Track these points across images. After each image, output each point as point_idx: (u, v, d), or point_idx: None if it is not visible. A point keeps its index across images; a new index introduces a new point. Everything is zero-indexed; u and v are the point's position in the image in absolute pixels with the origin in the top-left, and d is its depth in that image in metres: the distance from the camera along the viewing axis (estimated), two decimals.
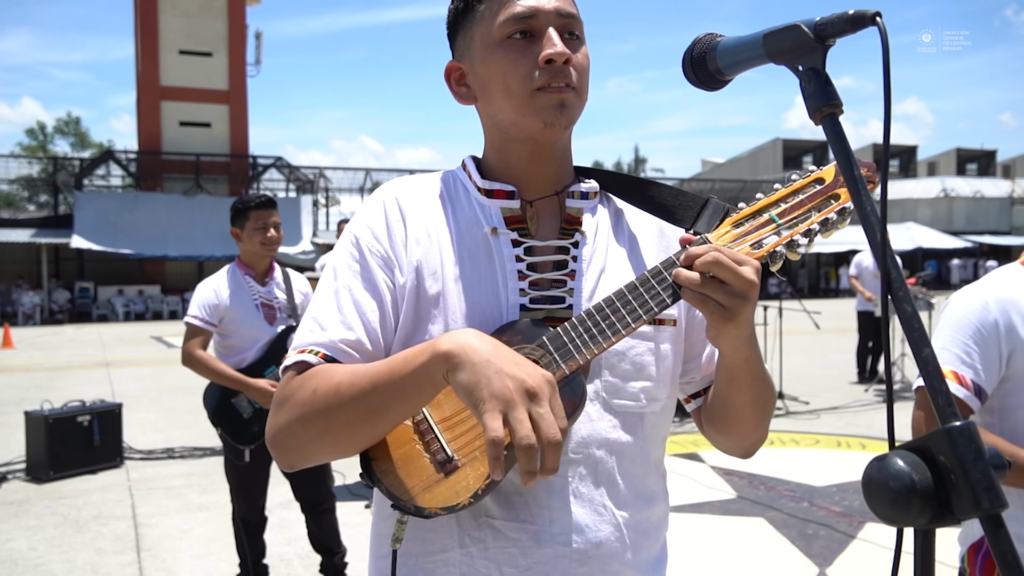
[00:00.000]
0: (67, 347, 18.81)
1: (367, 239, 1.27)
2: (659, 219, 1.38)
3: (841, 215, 1.16)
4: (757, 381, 1.26)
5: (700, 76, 1.04)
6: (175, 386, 11.75)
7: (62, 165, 35.28)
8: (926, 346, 0.75)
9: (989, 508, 0.69)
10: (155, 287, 31.11)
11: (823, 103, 0.86)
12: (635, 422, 1.27)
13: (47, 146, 55.81)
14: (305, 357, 1.20)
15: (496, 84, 1.25)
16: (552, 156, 1.31)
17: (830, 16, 0.85)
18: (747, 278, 1.09)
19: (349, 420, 1.13)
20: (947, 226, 42.32)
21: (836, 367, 12.35)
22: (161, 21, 32.71)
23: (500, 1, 1.25)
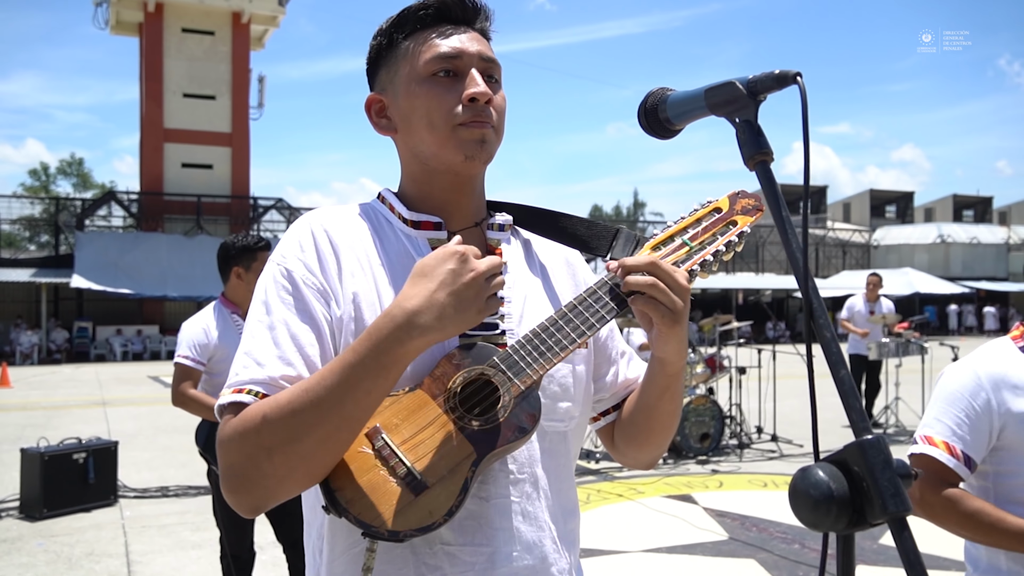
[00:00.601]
0: (64, 386, 18.80)
1: (300, 271, 1.26)
2: (565, 250, 1.49)
3: (740, 238, 1.31)
4: (682, 387, 1.37)
5: (652, 125, 1.14)
6: (171, 425, 11.75)
7: (64, 205, 35.54)
8: (842, 368, 0.84)
9: (895, 511, 0.77)
10: (154, 327, 31.11)
11: (755, 151, 0.95)
12: (560, 440, 1.35)
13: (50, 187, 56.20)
14: (241, 398, 1.16)
15: (419, 117, 1.31)
16: (472, 189, 1.39)
17: (760, 75, 0.95)
18: (683, 283, 1.21)
19: (321, 428, 1.10)
20: (944, 272, 42.48)
21: (830, 410, 12.16)
22: (166, 65, 33.19)
23: (426, 40, 1.32)
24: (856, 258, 45.74)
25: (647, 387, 1.38)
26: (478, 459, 1.16)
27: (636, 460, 1.49)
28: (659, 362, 1.32)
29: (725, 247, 1.31)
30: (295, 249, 1.29)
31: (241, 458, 1.13)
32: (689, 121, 1.10)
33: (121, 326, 30.42)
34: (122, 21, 34.85)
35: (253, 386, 1.17)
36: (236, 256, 4.12)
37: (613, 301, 1.25)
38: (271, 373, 1.18)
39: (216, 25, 34.11)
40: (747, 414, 10.05)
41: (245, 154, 34.72)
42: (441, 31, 1.33)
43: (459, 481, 1.15)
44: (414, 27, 1.34)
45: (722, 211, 1.34)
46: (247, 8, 33.72)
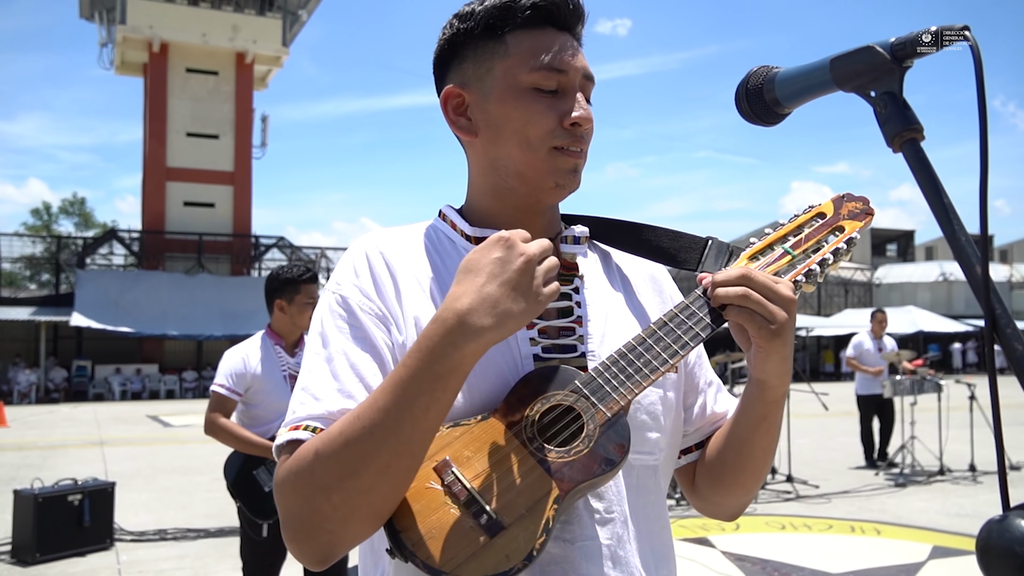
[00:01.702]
0: (61, 425, 18.52)
1: (356, 297, 1.15)
2: (649, 265, 1.35)
3: (849, 244, 1.18)
4: (780, 420, 1.22)
5: (756, 109, 0.98)
6: (170, 465, 11.50)
7: (65, 244, 35.50)
8: None
9: None
10: (153, 366, 30.86)
11: (903, 128, 0.79)
12: (650, 476, 1.21)
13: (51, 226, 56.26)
14: (298, 435, 1.05)
15: (513, 131, 1.18)
16: (546, 211, 1.26)
17: (909, 35, 0.79)
18: (784, 293, 1.08)
19: (379, 457, 0.97)
20: (947, 310, 42.32)
21: (843, 450, 12.11)
22: (170, 104, 33.37)
23: (531, 43, 1.18)
24: (858, 296, 45.62)
25: (741, 416, 1.21)
26: (561, 495, 1.02)
27: (720, 507, 1.32)
28: (758, 385, 1.16)
29: (832, 255, 1.17)
30: (350, 275, 1.18)
31: (298, 501, 1.01)
32: (804, 101, 0.94)
33: (120, 365, 30.18)
34: (127, 61, 35.15)
35: (310, 422, 1.06)
36: (279, 288, 4.04)
37: (708, 317, 1.12)
38: (329, 407, 1.06)
39: (220, 65, 34.39)
40: None
41: (247, 193, 34.76)
42: (547, 37, 1.19)
43: (539, 521, 1.00)
44: (518, 23, 1.18)
45: (826, 216, 1.20)
46: (251, 49, 34.02)
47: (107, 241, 35.02)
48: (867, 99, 0.83)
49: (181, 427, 17.63)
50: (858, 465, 10.91)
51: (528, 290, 1.00)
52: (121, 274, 32.28)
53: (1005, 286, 45.92)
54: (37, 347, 29.70)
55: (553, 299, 1.03)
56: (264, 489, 3.88)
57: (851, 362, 11.03)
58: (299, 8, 35.70)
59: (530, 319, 1.01)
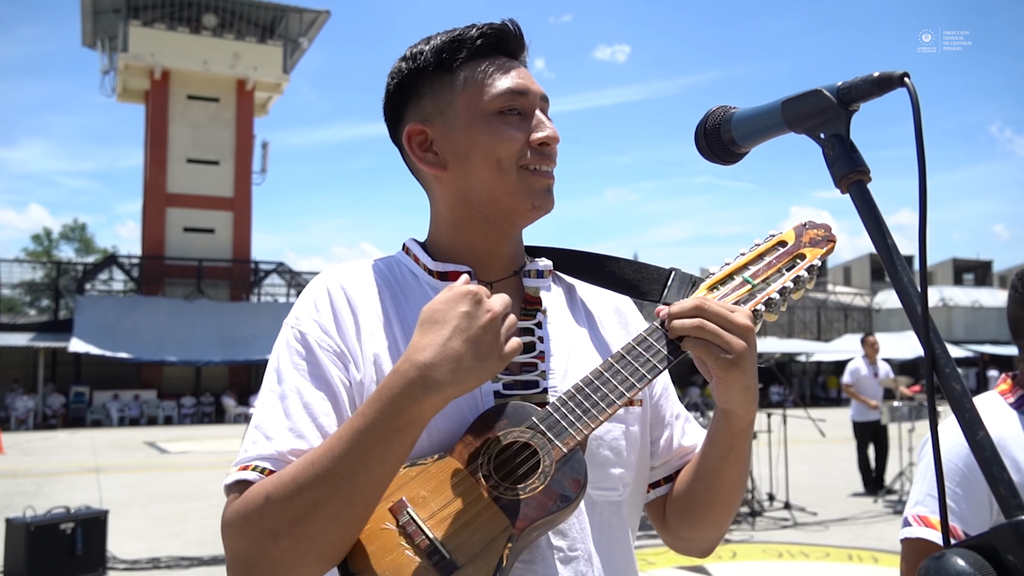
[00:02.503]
0: (58, 452, 18.43)
1: (315, 333, 1.15)
2: (614, 297, 1.35)
3: (810, 272, 1.18)
4: (749, 452, 1.21)
5: (714, 148, 1.00)
6: (165, 492, 11.44)
7: (65, 270, 35.54)
8: (980, 429, 0.67)
9: None
10: (151, 392, 30.75)
11: (849, 170, 0.81)
12: (614, 512, 1.20)
13: (52, 252, 56.32)
14: (246, 475, 1.04)
15: (483, 155, 1.18)
16: (514, 236, 1.27)
17: (854, 80, 0.81)
18: (741, 322, 1.08)
19: (330, 505, 0.97)
20: (947, 335, 42.24)
21: (842, 477, 12.04)
22: (171, 131, 33.55)
23: (485, 71, 1.20)
24: (858, 322, 45.57)
25: (709, 448, 1.21)
26: (515, 534, 1.02)
27: (691, 542, 1.31)
28: (723, 415, 1.16)
29: (793, 283, 1.17)
30: (310, 309, 1.17)
31: (246, 544, 1.00)
32: (759, 141, 0.96)
33: (118, 391, 30.08)
34: (129, 89, 35.39)
35: (260, 462, 1.05)
36: None
37: (665, 349, 1.12)
38: (279, 447, 1.05)
39: (221, 92, 34.61)
40: (758, 480, 9.77)
41: (247, 218, 34.84)
42: (499, 64, 1.22)
43: (493, 560, 1.00)
44: (469, 56, 1.21)
45: (787, 244, 1.21)
46: (252, 76, 34.25)
47: (107, 267, 35.05)
48: (817, 140, 0.85)
49: (178, 454, 17.56)
50: (856, 492, 10.84)
51: (491, 348, 1.00)
52: (120, 300, 32.27)
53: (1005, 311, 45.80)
54: (35, 373, 29.62)
55: (515, 356, 1.03)
56: None
57: (848, 390, 10.98)
58: (300, 36, 35.99)
59: (491, 376, 1.01)
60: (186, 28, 33.85)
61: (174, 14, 33.89)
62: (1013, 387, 1.83)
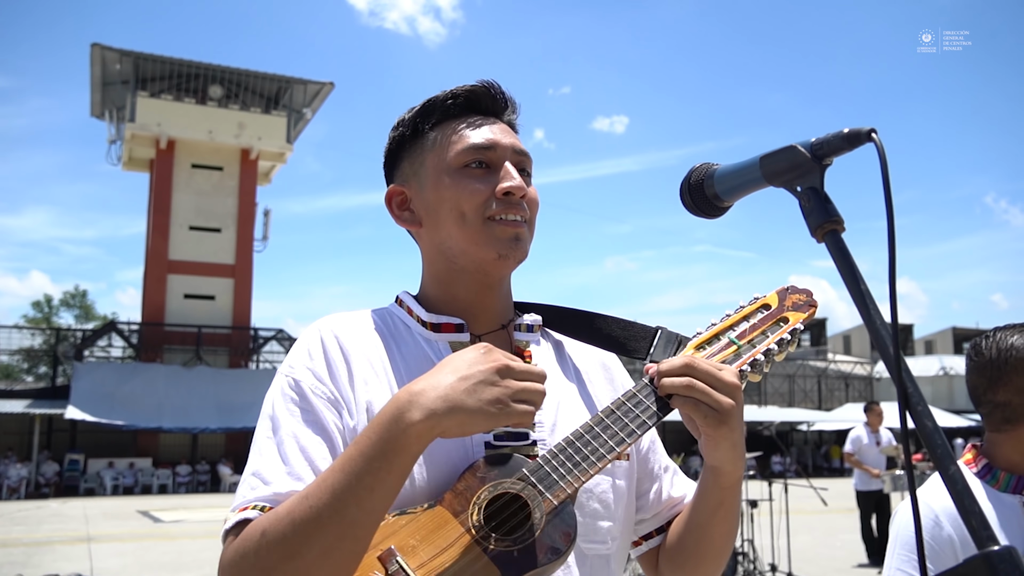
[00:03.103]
0: (49, 521, 18.15)
1: (309, 381, 1.17)
2: (601, 353, 1.38)
3: (793, 335, 1.22)
4: (738, 506, 1.23)
5: (698, 203, 1.04)
6: (158, 561, 11.23)
7: (64, 336, 35.50)
8: (951, 463, 0.70)
9: None
10: (147, 460, 30.39)
11: (824, 220, 0.85)
12: (603, 565, 1.22)
13: (52, 318, 56.34)
14: (247, 515, 1.05)
15: (448, 210, 1.23)
16: (499, 289, 1.30)
17: (825, 136, 0.86)
18: (729, 380, 1.11)
19: (322, 538, 0.97)
20: (948, 404, 41.97)
21: (846, 547, 11.86)
22: (174, 199, 33.91)
23: (455, 130, 1.26)
24: (859, 390, 45.33)
25: (699, 503, 1.24)
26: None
27: None
28: (712, 472, 1.19)
29: (777, 345, 1.22)
30: (303, 358, 1.20)
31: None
32: (741, 195, 1.01)
33: (114, 458, 29.74)
34: (135, 158, 35.93)
35: (258, 502, 1.06)
36: None
37: (654, 405, 1.14)
38: (278, 490, 1.07)
39: (225, 161, 35.11)
40: (760, 551, 9.61)
41: (247, 285, 34.97)
42: (471, 122, 1.27)
43: None
44: (441, 117, 1.28)
45: (771, 308, 1.26)
46: (256, 145, 34.79)
47: (106, 333, 35.04)
48: (793, 193, 0.90)
49: (171, 523, 17.28)
50: (860, 563, 10.67)
51: (489, 393, 1.00)
52: (118, 366, 32.17)
53: None
54: (31, 440, 29.36)
55: (524, 421, 1.02)
56: None
57: (850, 459, 10.88)
58: (304, 106, 36.68)
59: (488, 424, 1.00)
60: (192, 99, 34.53)
61: (181, 85, 34.61)
62: (976, 457, 1.86)
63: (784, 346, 1.23)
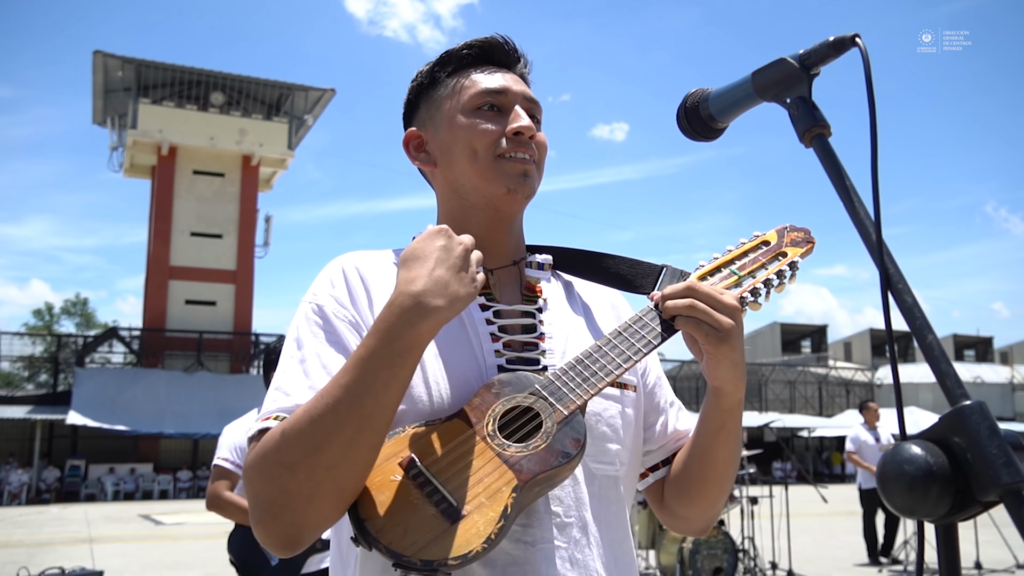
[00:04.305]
0: (51, 524, 18.16)
1: (331, 306, 1.24)
2: (609, 293, 1.45)
3: (791, 268, 1.29)
4: (740, 430, 1.29)
5: (694, 125, 1.09)
6: (161, 562, 11.25)
7: (65, 343, 35.54)
8: (929, 333, 0.75)
9: (1010, 482, 0.66)
10: (148, 465, 30.39)
11: (811, 125, 0.90)
12: (612, 486, 1.27)
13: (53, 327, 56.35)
14: (267, 424, 1.11)
15: (461, 148, 1.30)
16: (511, 227, 1.36)
17: (813, 46, 0.91)
18: (728, 302, 1.17)
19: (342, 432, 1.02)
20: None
21: (847, 547, 11.87)
22: (176, 205, 34.00)
23: (469, 76, 1.34)
24: (860, 397, 45.24)
25: (701, 427, 1.30)
26: (519, 485, 1.08)
27: (687, 521, 1.38)
28: (714, 393, 1.25)
29: (776, 276, 1.28)
30: (325, 286, 1.27)
31: (264, 482, 1.06)
32: (735, 115, 1.06)
33: (115, 464, 29.73)
34: (136, 164, 36.01)
35: (280, 413, 1.12)
36: (275, 362, 4.06)
37: (659, 327, 1.21)
38: (298, 401, 1.12)
39: (226, 167, 35.21)
40: (760, 550, 9.63)
41: (249, 292, 35.03)
42: (484, 70, 1.35)
43: (498, 507, 1.06)
44: (457, 66, 1.36)
45: (770, 243, 1.32)
46: (257, 152, 34.91)
47: (107, 339, 35.07)
48: (783, 105, 0.95)
49: (173, 525, 17.30)
50: (862, 562, 10.68)
51: (466, 275, 1.10)
52: (120, 372, 32.19)
53: (1007, 387, 45.64)
54: (31, 446, 29.37)
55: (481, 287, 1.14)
56: (271, 563, 3.86)
57: (852, 457, 10.91)
58: (305, 113, 36.80)
59: (471, 302, 1.11)
60: (194, 106, 34.65)
61: (183, 92, 34.74)
62: None
63: (783, 279, 1.29)
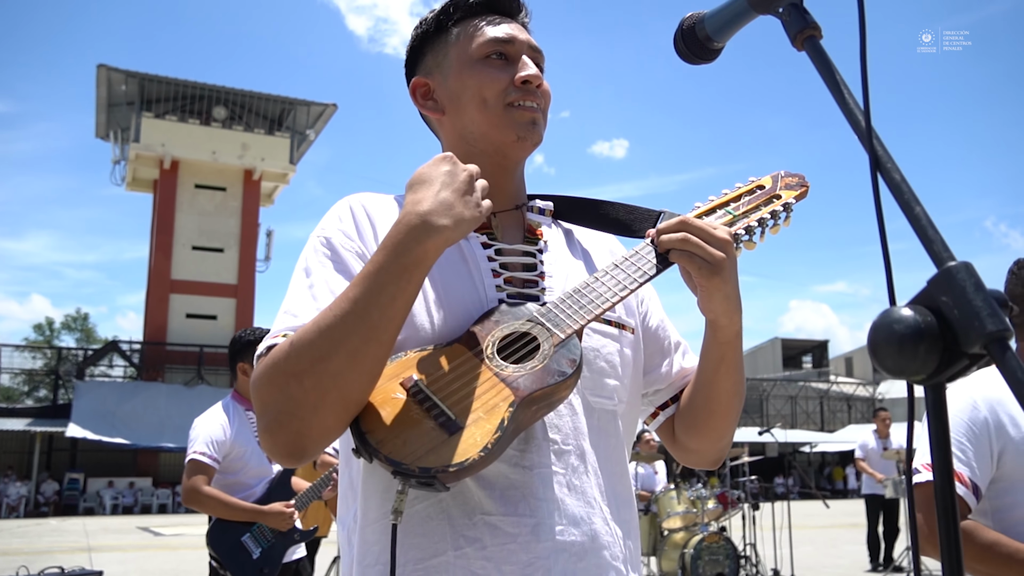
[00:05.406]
0: (49, 535, 18.12)
1: (339, 238, 1.27)
2: (608, 240, 1.48)
3: (786, 209, 1.32)
4: (740, 362, 1.31)
5: (691, 47, 1.12)
6: (160, 568, 11.23)
7: (66, 356, 35.55)
8: (917, 205, 0.78)
9: (996, 331, 0.69)
10: (147, 479, 30.33)
11: (803, 27, 0.93)
12: (610, 420, 1.30)
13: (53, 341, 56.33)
14: (275, 341, 1.14)
15: (470, 96, 1.33)
16: (513, 173, 1.39)
17: None
18: (720, 235, 1.20)
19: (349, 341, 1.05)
20: None
21: (849, 556, 11.85)
22: (177, 219, 34.13)
23: (475, 25, 1.36)
24: (861, 412, 45.24)
25: (703, 361, 1.33)
26: (516, 400, 1.10)
27: (700, 454, 1.42)
28: (710, 327, 1.28)
29: (771, 216, 1.31)
30: (333, 221, 1.31)
31: (272, 390, 1.08)
32: (731, 33, 1.09)
33: (113, 478, 29.67)
34: (138, 178, 36.17)
35: (288, 332, 1.14)
36: (241, 351, 4.06)
37: (654, 259, 1.24)
38: (305, 320, 1.14)
39: (228, 182, 35.36)
40: (762, 557, 9.61)
41: (249, 305, 35.08)
42: (490, 19, 1.37)
43: (496, 420, 1.08)
44: (463, 15, 1.38)
45: (765, 187, 1.35)
46: (259, 166, 35.06)
47: (108, 353, 35.09)
48: (776, 15, 0.98)
49: (172, 536, 17.26)
50: (864, 570, 10.65)
51: (471, 199, 1.13)
52: (120, 385, 32.18)
53: None
54: (31, 459, 29.31)
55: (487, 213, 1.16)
56: (252, 556, 3.84)
57: (859, 463, 10.96)
58: (307, 128, 36.98)
59: (476, 225, 1.13)
60: (197, 120, 34.84)
61: (186, 107, 34.95)
62: None
63: (777, 219, 1.32)
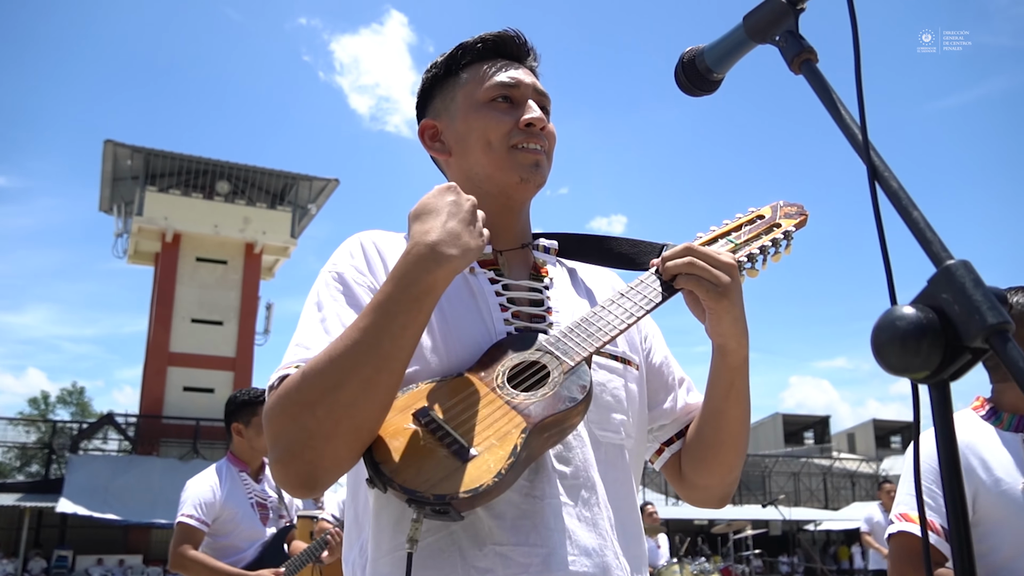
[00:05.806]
0: None
1: (351, 273, 1.29)
2: (611, 277, 1.51)
3: (786, 237, 1.35)
4: (748, 390, 1.32)
5: (692, 79, 1.16)
6: None
7: (60, 429, 35.16)
8: (914, 209, 0.80)
9: (996, 323, 0.70)
10: (137, 557, 29.65)
11: (799, 51, 0.97)
12: (618, 454, 1.30)
13: (48, 415, 55.79)
14: (288, 371, 1.15)
15: (476, 139, 1.37)
16: (519, 213, 1.42)
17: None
18: (725, 259, 1.22)
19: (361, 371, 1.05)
20: None
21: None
22: (178, 291, 34.19)
23: (483, 70, 1.41)
24: (865, 489, 44.55)
25: (711, 390, 1.33)
26: (528, 427, 1.11)
27: (708, 491, 1.41)
28: (719, 352, 1.29)
29: (772, 243, 1.35)
30: (345, 257, 1.33)
31: (284, 421, 1.08)
32: (731, 63, 1.13)
33: (103, 555, 29.00)
34: (140, 251, 36.39)
35: (299, 363, 1.15)
36: (235, 411, 4.05)
37: (660, 287, 1.27)
38: (318, 352, 1.14)
39: (229, 255, 35.56)
40: None
41: (247, 378, 34.83)
42: (497, 64, 1.42)
43: (508, 446, 1.09)
44: (471, 59, 1.42)
45: (765, 217, 1.39)
46: (260, 239, 35.31)
47: (103, 426, 34.71)
48: (773, 43, 1.02)
49: None
50: None
51: (475, 229, 1.16)
52: (114, 459, 31.71)
53: None
54: (19, 535, 28.69)
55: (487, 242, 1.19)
56: None
57: (865, 538, 10.77)
58: (309, 202, 37.37)
59: (480, 254, 1.16)
60: (200, 194, 35.24)
61: (189, 181, 35.38)
62: (984, 403, 2.08)
63: (778, 246, 1.35)
